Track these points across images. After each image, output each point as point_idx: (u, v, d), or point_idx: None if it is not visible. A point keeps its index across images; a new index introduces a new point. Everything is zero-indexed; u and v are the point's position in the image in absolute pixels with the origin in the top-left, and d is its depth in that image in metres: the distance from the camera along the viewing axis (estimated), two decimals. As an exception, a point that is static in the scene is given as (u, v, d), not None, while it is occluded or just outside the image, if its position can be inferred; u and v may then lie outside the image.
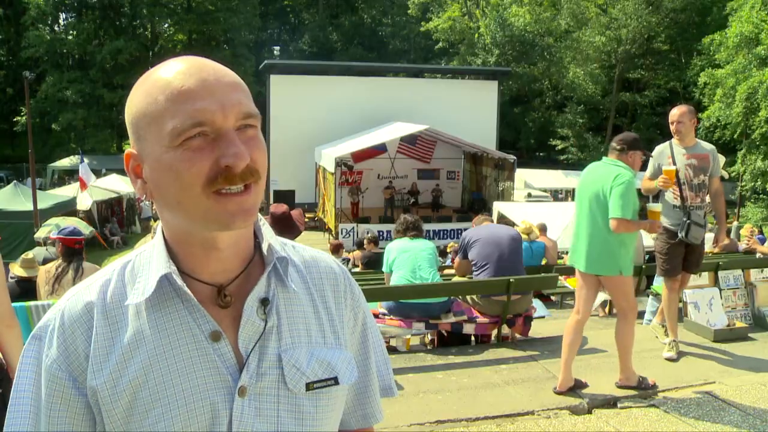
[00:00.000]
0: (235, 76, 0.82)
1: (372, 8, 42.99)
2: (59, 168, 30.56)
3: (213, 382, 0.83)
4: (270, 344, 0.86)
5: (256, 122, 0.82)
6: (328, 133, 20.26)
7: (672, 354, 4.46)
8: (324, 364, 0.89)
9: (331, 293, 0.96)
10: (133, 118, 0.82)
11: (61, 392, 0.82)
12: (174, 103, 0.77)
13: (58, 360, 0.82)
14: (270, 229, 0.93)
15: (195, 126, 0.76)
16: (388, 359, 1.07)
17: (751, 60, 22.52)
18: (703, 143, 4.47)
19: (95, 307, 0.84)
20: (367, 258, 9.23)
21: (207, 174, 0.77)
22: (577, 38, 32.63)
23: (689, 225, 4.28)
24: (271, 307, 0.87)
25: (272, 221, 4.25)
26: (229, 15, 35.81)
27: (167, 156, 0.77)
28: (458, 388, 3.97)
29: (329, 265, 0.99)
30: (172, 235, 0.86)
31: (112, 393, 0.81)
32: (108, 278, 0.87)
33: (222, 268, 0.86)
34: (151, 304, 0.83)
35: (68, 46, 34.23)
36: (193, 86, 0.77)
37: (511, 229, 5.42)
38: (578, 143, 33.41)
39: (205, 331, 0.83)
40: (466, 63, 35.14)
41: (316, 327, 0.92)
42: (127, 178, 9.80)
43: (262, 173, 0.81)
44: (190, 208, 0.79)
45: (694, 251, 4.48)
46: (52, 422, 0.82)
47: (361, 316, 1.00)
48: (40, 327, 0.86)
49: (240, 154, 0.77)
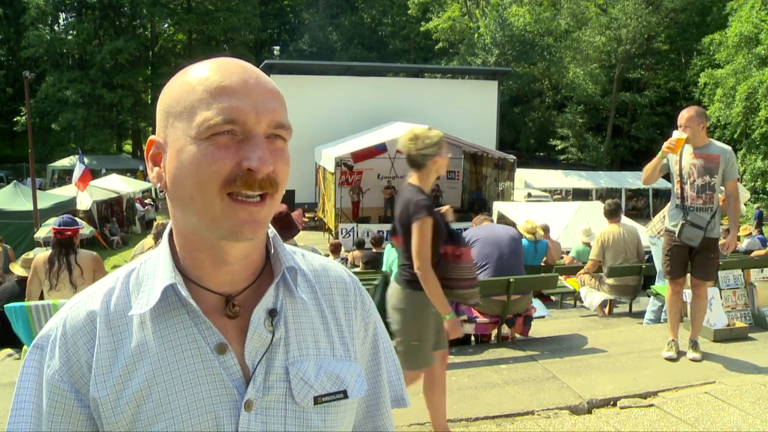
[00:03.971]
0: (276, 86, 0.82)
1: (372, 8, 42.96)
2: (59, 168, 30.52)
3: (218, 395, 0.80)
4: (277, 357, 0.84)
5: (287, 135, 0.81)
6: (328, 133, 20.26)
7: (672, 354, 4.42)
8: (332, 377, 0.87)
9: (341, 304, 0.93)
10: (165, 105, 0.80)
11: (62, 403, 0.80)
12: (211, 95, 0.76)
13: (60, 371, 0.81)
14: (280, 238, 0.91)
15: (226, 122, 0.75)
16: (400, 369, 1.05)
17: (751, 60, 22.54)
18: (717, 144, 4.30)
19: (98, 317, 0.82)
20: (367, 258, 9.25)
21: (227, 174, 0.75)
22: (577, 38, 32.61)
23: (683, 225, 4.17)
24: (279, 318, 0.85)
25: (272, 221, 4.26)
26: (229, 15, 35.83)
27: (191, 147, 0.76)
28: (458, 388, 3.97)
29: (340, 274, 0.97)
30: (181, 238, 0.84)
31: (114, 405, 0.79)
32: (112, 287, 0.85)
33: (231, 279, 0.84)
34: (156, 314, 0.81)
35: (68, 46, 34.23)
36: (233, 84, 0.77)
37: (511, 229, 5.42)
38: (578, 143, 33.41)
39: (210, 344, 0.81)
40: (466, 63, 35.12)
41: (325, 339, 0.89)
42: (127, 178, 9.89)
43: (281, 186, 0.80)
44: (201, 206, 0.77)
45: (699, 255, 4.28)
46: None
47: (372, 327, 0.98)
48: (41, 336, 0.84)
49: (265, 160, 0.75)
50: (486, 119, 22.96)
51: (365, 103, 21.24)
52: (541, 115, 36.12)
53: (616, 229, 6.47)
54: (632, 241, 6.51)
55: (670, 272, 4.38)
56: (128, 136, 39.24)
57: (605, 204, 6.93)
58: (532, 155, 37.75)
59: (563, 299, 8.31)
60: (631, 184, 24.55)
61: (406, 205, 2.91)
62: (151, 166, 0.83)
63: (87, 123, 33.78)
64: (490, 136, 22.57)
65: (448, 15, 37.85)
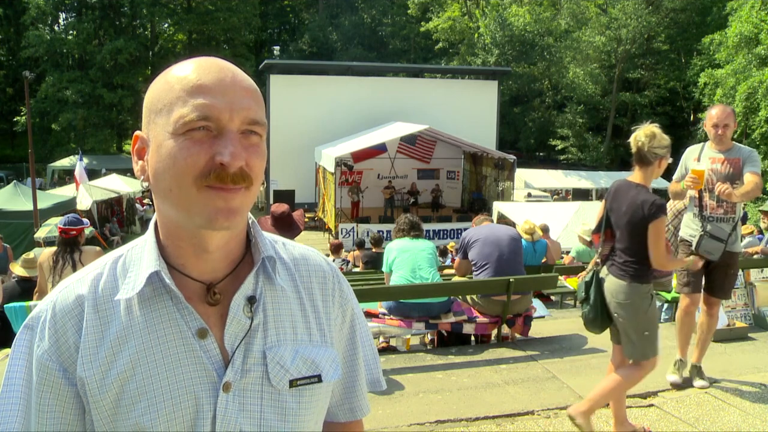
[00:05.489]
0: (252, 84, 0.86)
1: (372, 8, 42.94)
2: (59, 168, 30.53)
3: (198, 377, 0.84)
4: (255, 341, 0.88)
5: (262, 131, 0.84)
6: (328, 133, 20.28)
7: (676, 378, 3.99)
8: (308, 362, 0.91)
9: (318, 291, 0.97)
10: (149, 102, 0.85)
11: (51, 381, 0.84)
12: (187, 93, 0.80)
13: (49, 351, 0.84)
14: (259, 228, 0.94)
15: (200, 119, 0.79)
16: (377, 353, 1.09)
17: (750, 60, 22.54)
18: (740, 146, 3.83)
19: (86, 300, 0.86)
20: (367, 258, 9.24)
21: (201, 167, 0.79)
22: (577, 38, 32.62)
23: (702, 236, 3.73)
24: (258, 305, 0.89)
25: (273, 221, 4.26)
26: (229, 15, 35.83)
27: (169, 142, 0.80)
28: (458, 387, 3.97)
29: (318, 262, 1.00)
30: (164, 227, 0.88)
31: (100, 385, 0.83)
32: (100, 272, 0.89)
33: (211, 267, 0.88)
34: (141, 299, 0.85)
35: (68, 45, 34.20)
36: (208, 82, 0.81)
37: (510, 228, 5.42)
38: (578, 143, 33.42)
39: (192, 328, 0.85)
40: (466, 63, 35.14)
41: (303, 325, 0.93)
42: (127, 178, 9.88)
43: (255, 180, 0.83)
44: (179, 197, 0.81)
45: (717, 270, 3.87)
46: (42, 410, 0.84)
47: (350, 313, 1.02)
48: (32, 317, 0.88)
49: (236, 155, 0.79)
50: (486, 119, 22.98)
51: (365, 103, 21.26)
52: (541, 115, 36.12)
53: None
54: None
55: (688, 285, 3.94)
56: (128, 136, 39.12)
57: None
58: (532, 155, 37.77)
59: (563, 299, 8.31)
60: (631, 184, 24.49)
61: (640, 205, 3.02)
62: (136, 159, 0.88)
63: (87, 123, 33.78)
64: (490, 136, 22.58)
65: (448, 15, 37.87)
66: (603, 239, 3.26)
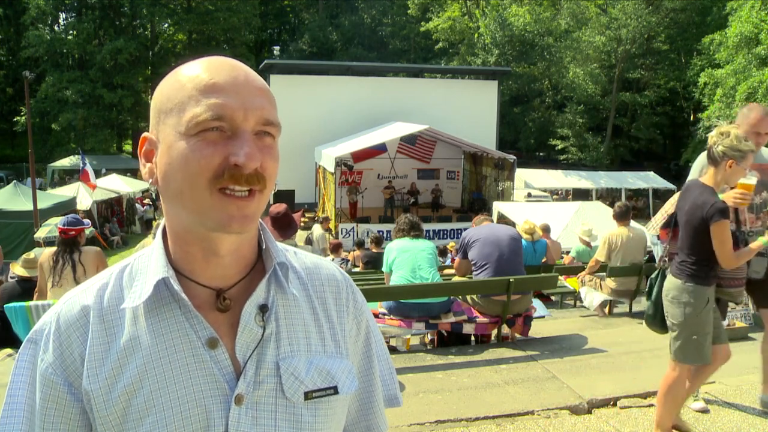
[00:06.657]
0: (265, 84, 0.83)
1: (372, 8, 42.94)
2: (59, 168, 30.53)
3: (209, 389, 0.81)
4: (268, 352, 0.84)
5: (275, 132, 0.82)
6: (328, 133, 20.27)
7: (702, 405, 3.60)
8: (323, 373, 0.87)
9: (332, 301, 0.94)
10: (157, 102, 0.82)
11: (56, 396, 0.81)
12: (200, 92, 0.77)
13: (53, 364, 0.81)
14: (270, 234, 0.92)
15: (214, 119, 0.76)
16: (393, 368, 1.05)
17: (751, 60, 22.52)
18: (765, 150, 3.45)
19: (91, 311, 0.83)
20: (367, 258, 9.25)
21: (215, 169, 0.76)
22: (577, 38, 32.60)
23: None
24: (270, 313, 0.86)
25: (271, 220, 4.27)
26: (229, 15, 35.79)
27: (181, 143, 0.77)
28: (458, 387, 3.97)
29: (331, 272, 0.97)
30: (173, 232, 0.85)
31: (106, 398, 0.80)
32: (105, 282, 0.86)
33: (221, 273, 0.85)
34: (148, 308, 0.82)
35: (68, 45, 34.17)
36: (221, 81, 0.78)
37: (511, 228, 5.42)
38: (578, 143, 33.39)
39: (202, 338, 0.82)
40: (466, 63, 35.12)
41: (316, 335, 0.90)
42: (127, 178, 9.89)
43: (269, 182, 0.81)
44: (191, 200, 0.78)
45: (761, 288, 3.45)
46: (47, 427, 0.81)
47: (365, 325, 0.98)
48: (35, 331, 0.85)
49: (251, 155, 0.76)
50: (486, 119, 22.97)
51: (365, 103, 21.25)
52: (541, 115, 36.11)
53: (624, 231, 6.42)
54: (639, 245, 6.47)
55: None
56: (128, 136, 39.20)
57: (615, 206, 6.86)
58: (532, 155, 37.76)
59: (563, 299, 8.31)
60: (630, 184, 24.53)
61: (700, 206, 2.94)
62: (144, 162, 0.84)
63: (87, 123, 33.74)
64: (490, 136, 22.57)
65: (448, 15, 37.86)
66: (671, 237, 3.19)
